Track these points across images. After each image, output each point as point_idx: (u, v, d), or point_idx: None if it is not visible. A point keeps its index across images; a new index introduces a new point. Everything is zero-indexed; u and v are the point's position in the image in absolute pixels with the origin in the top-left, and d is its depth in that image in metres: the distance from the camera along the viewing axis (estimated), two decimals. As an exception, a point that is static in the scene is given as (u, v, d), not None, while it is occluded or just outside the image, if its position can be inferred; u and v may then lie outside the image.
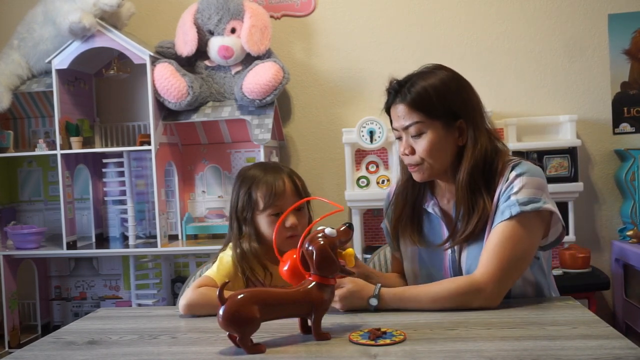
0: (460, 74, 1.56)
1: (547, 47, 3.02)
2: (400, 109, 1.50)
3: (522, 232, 1.42)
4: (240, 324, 1.17)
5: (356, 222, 2.93)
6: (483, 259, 1.43)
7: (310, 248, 1.23)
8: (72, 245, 2.90)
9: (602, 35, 3.00)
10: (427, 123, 1.48)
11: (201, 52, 2.91)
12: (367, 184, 2.96)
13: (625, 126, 3.01)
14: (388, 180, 2.96)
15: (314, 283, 1.23)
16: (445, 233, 1.56)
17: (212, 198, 3.15)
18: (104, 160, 3.09)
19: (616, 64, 3.00)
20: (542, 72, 3.04)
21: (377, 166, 2.99)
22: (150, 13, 3.20)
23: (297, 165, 3.19)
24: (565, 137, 2.90)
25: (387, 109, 1.57)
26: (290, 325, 1.30)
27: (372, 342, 1.18)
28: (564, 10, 3.01)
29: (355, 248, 2.93)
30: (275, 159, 3.00)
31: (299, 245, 1.26)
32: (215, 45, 2.85)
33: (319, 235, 1.24)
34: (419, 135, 1.49)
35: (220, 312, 1.17)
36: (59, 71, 2.85)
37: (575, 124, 2.89)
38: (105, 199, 3.16)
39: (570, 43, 3.01)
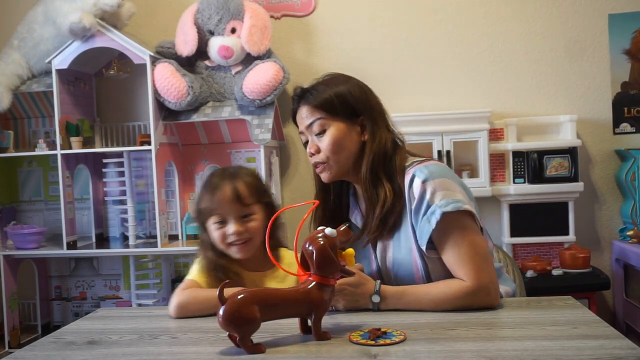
0: (359, 80, 1.65)
1: (547, 47, 3.02)
2: (304, 111, 1.58)
3: (458, 229, 1.44)
4: (240, 324, 1.17)
5: (356, 222, 2.92)
6: (459, 273, 1.44)
7: (310, 248, 1.23)
8: (72, 245, 2.90)
9: (602, 35, 3.00)
10: (329, 120, 1.55)
11: (201, 52, 2.91)
12: (367, 184, 2.95)
13: (625, 126, 3.01)
14: (388, 180, 2.95)
15: (314, 283, 1.23)
16: (366, 237, 1.58)
17: (212, 198, 3.14)
18: (104, 160, 3.09)
19: (616, 64, 3.00)
20: (542, 72, 3.04)
21: (377, 166, 2.98)
22: (150, 13, 3.20)
23: (297, 165, 3.19)
24: (566, 137, 2.90)
25: (294, 117, 1.64)
26: (291, 325, 1.30)
27: (372, 342, 1.18)
28: (564, 10, 3.01)
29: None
30: (275, 159, 3.00)
31: (294, 246, 1.27)
32: (215, 45, 2.85)
33: (319, 235, 1.24)
34: (322, 132, 1.55)
35: (220, 312, 1.17)
36: (59, 71, 2.85)
37: (576, 124, 2.89)
38: (106, 199, 3.16)
39: (570, 43, 3.01)
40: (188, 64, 2.95)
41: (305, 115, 1.57)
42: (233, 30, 2.85)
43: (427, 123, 2.86)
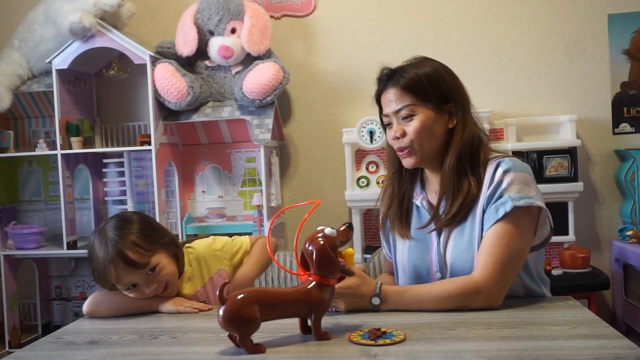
0: (447, 66, 1.59)
1: (547, 47, 3.03)
2: (391, 93, 1.52)
3: (515, 229, 1.43)
4: (240, 324, 1.17)
5: (356, 222, 2.93)
6: (480, 260, 1.43)
7: (310, 248, 1.23)
8: (72, 245, 2.90)
9: (602, 35, 3.00)
10: (418, 105, 1.50)
11: (201, 52, 2.91)
12: (367, 184, 2.96)
13: (625, 126, 3.02)
14: (388, 180, 2.96)
15: (314, 283, 1.23)
16: (433, 225, 1.56)
17: (212, 198, 3.15)
18: (104, 160, 3.10)
19: (616, 64, 3.00)
20: (542, 72, 3.04)
21: (377, 166, 2.98)
22: (150, 13, 3.21)
23: (297, 165, 3.19)
24: (565, 137, 2.90)
25: (378, 97, 1.58)
26: (291, 325, 1.30)
27: (372, 342, 1.18)
28: (564, 10, 3.01)
29: (355, 248, 2.93)
30: (275, 159, 3.00)
31: (294, 246, 1.26)
32: (215, 45, 2.85)
33: (319, 235, 1.24)
34: (410, 117, 1.50)
35: (220, 312, 1.17)
36: (59, 71, 2.86)
37: (575, 124, 2.89)
38: (106, 199, 3.16)
39: (570, 43, 3.01)
40: (188, 64, 2.95)
41: (393, 98, 1.51)
42: (233, 31, 2.85)
43: (427, 123, 2.86)
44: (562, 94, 3.03)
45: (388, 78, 1.54)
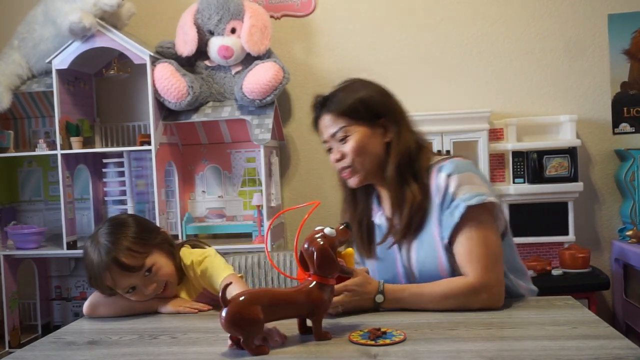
0: (377, 83, 1.64)
1: (547, 47, 3.02)
2: (326, 119, 1.57)
3: (480, 226, 1.45)
4: (243, 325, 1.16)
5: (356, 222, 2.92)
6: (467, 267, 1.44)
7: (310, 248, 1.23)
8: (72, 245, 2.90)
9: (602, 35, 3.00)
10: (351, 126, 1.54)
11: (201, 52, 2.91)
12: (367, 184, 2.96)
13: (625, 126, 3.01)
14: (388, 180, 2.96)
15: (314, 283, 1.23)
16: (392, 239, 1.59)
17: (212, 198, 3.15)
18: (104, 160, 3.10)
19: (616, 64, 3.00)
20: (542, 72, 3.04)
21: (377, 166, 2.98)
22: (150, 13, 3.20)
23: (297, 165, 3.19)
24: (565, 137, 2.90)
25: (316, 125, 1.62)
26: (291, 325, 1.30)
27: (372, 342, 1.18)
28: (564, 11, 3.01)
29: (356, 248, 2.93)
30: (275, 159, 3.00)
31: (294, 246, 1.26)
32: (215, 45, 2.85)
33: (318, 235, 1.24)
34: (345, 139, 1.54)
35: (223, 314, 1.16)
36: (59, 71, 2.85)
37: (575, 124, 2.89)
38: (106, 199, 3.16)
39: (570, 43, 3.01)
40: (188, 64, 2.95)
41: (328, 123, 1.56)
42: (233, 30, 2.85)
43: (427, 123, 2.84)
44: (562, 94, 3.03)
45: (321, 105, 1.59)
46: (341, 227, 1.27)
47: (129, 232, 1.51)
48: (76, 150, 2.89)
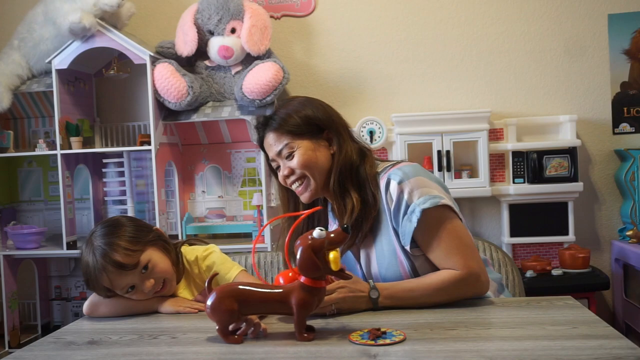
0: (316, 98, 1.67)
1: (547, 47, 3.03)
2: (270, 138, 1.59)
3: (444, 223, 1.47)
4: (219, 315, 1.25)
5: (356, 222, 2.92)
6: (447, 264, 1.46)
7: (298, 249, 1.23)
8: (72, 245, 2.90)
9: (602, 35, 3.00)
10: (295, 141, 1.56)
11: (201, 52, 2.91)
12: (367, 184, 2.95)
13: (625, 126, 3.02)
14: (388, 180, 2.95)
15: (298, 283, 1.24)
16: (351, 253, 1.60)
17: (212, 198, 3.15)
18: (104, 160, 3.10)
19: (616, 64, 3.00)
20: (542, 72, 3.04)
21: (377, 166, 2.98)
22: (150, 13, 3.21)
23: (297, 165, 3.18)
24: (565, 137, 2.90)
25: (261, 145, 1.64)
26: (291, 325, 1.31)
27: (372, 342, 1.18)
28: (564, 10, 3.01)
29: (355, 248, 2.93)
30: (275, 159, 2.99)
31: (285, 249, 1.26)
32: (215, 45, 2.85)
33: (309, 236, 1.24)
34: (291, 154, 1.56)
35: (208, 302, 1.26)
36: (59, 71, 2.85)
37: (575, 124, 2.89)
38: (106, 199, 3.16)
39: (570, 43, 3.01)
40: (188, 64, 2.95)
41: (272, 142, 1.58)
42: (233, 30, 2.85)
43: (427, 123, 2.87)
44: (562, 94, 3.03)
45: (264, 125, 1.60)
46: (336, 229, 1.25)
47: (121, 232, 1.52)
48: (76, 150, 2.89)
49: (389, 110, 3.04)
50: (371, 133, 2.89)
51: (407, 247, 1.49)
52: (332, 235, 1.23)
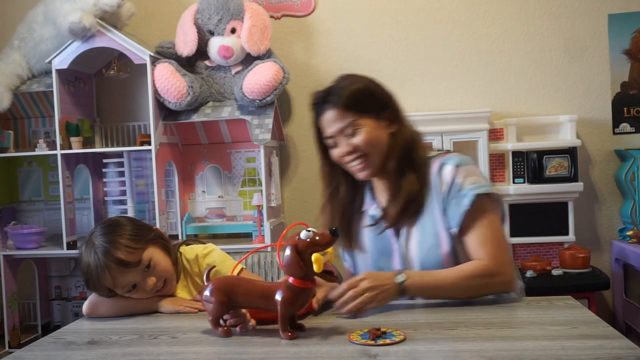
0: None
1: (547, 47, 3.02)
2: (331, 115, 1.55)
3: (487, 213, 1.50)
4: (211, 305, 1.29)
5: (356, 222, 2.92)
6: (478, 251, 1.48)
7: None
8: (72, 245, 2.90)
9: (602, 35, 3.00)
10: (359, 119, 1.54)
11: (201, 52, 2.91)
12: (367, 184, 2.96)
13: (625, 126, 3.01)
14: (388, 180, 2.96)
15: (285, 282, 1.26)
16: (390, 231, 1.60)
17: (212, 198, 3.15)
18: (104, 160, 3.10)
19: (616, 64, 3.00)
20: (542, 72, 3.04)
21: (377, 166, 2.98)
22: (150, 13, 3.21)
23: (297, 166, 3.19)
24: (565, 137, 2.90)
25: (316, 122, 1.61)
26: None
27: (372, 342, 1.18)
28: (564, 10, 3.01)
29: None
30: (275, 159, 3.00)
31: (277, 253, 1.27)
32: (215, 45, 2.85)
33: (296, 237, 1.25)
34: (354, 132, 1.54)
35: (204, 292, 1.31)
36: (59, 71, 2.86)
37: (575, 124, 2.89)
38: (106, 199, 3.16)
39: (570, 43, 3.01)
40: (188, 64, 2.95)
41: (334, 118, 1.55)
42: (233, 30, 2.85)
43: (427, 123, 2.85)
44: (562, 94, 3.03)
45: (324, 101, 1.57)
46: (324, 232, 1.25)
47: (123, 230, 1.53)
48: (76, 150, 2.89)
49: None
50: (371, 133, 2.88)
51: (456, 230, 1.51)
52: (317, 237, 1.23)
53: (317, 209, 1.70)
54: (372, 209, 1.64)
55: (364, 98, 1.55)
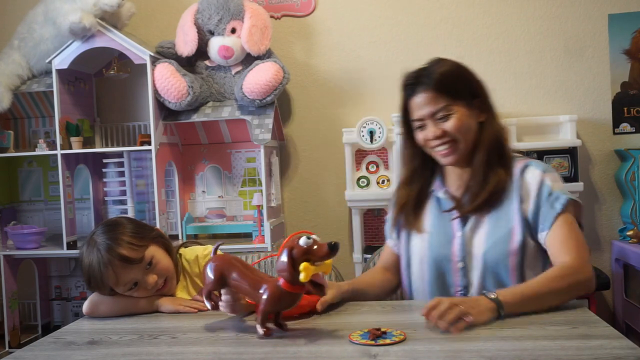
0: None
1: (547, 47, 3.02)
2: (423, 97, 1.54)
3: (574, 220, 1.51)
4: (206, 279, 1.34)
5: (356, 222, 2.93)
6: (563, 250, 1.46)
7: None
8: (72, 245, 2.90)
9: (602, 35, 3.00)
10: (452, 104, 1.53)
11: (201, 52, 2.91)
12: (367, 184, 2.96)
13: (625, 126, 3.01)
14: (388, 180, 2.96)
15: (275, 280, 1.25)
16: (455, 212, 1.59)
17: (212, 198, 3.15)
18: (104, 160, 3.10)
19: (616, 64, 3.00)
20: (542, 72, 3.04)
21: (377, 166, 2.99)
22: (150, 13, 3.21)
23: (297, 166, 3.19)
24: (566, 137, 2.90)
25: (405, 102, 1.59)
26: (290, 325, 1.31)
27: (372, 342, 1.18)
28: (564, 10, 3.01)
29: (355, 248, 2.93)
30: (275, 159, 3.00)
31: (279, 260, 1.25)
32: (215, 45, 2.85)
33: (296, 240, 1.23)
34: (446, 117, 1.53)
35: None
36: (59, 71, 2.86)
37: (575, 124, 2.89)
38: (106, 199, 3.16)
39: (570, 43, 3.01)
40: (188, 64, 2.95)
41: (426, 102, 1.53)
42: (233, 30, 2.85)
43: (427, 123, 2.86)
44: (562, 94, 3.03)
45: (416, 82, 1.55)
46: (323, 243, 1.21)
47: (124, 228, 1.54)
48: (76, 150, 2.89)
49: (389, 110, 3.03)
50: (371, 133, 2.89)
51: (547, 231, 1.49)
52: (315, 247, 1.20)
53: (317, 209, 1.71)
54: (440, 192, 1.62)
55: (458, 83, 1.54)
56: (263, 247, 2.79)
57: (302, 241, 1.21)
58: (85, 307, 1.56)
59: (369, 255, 2.41)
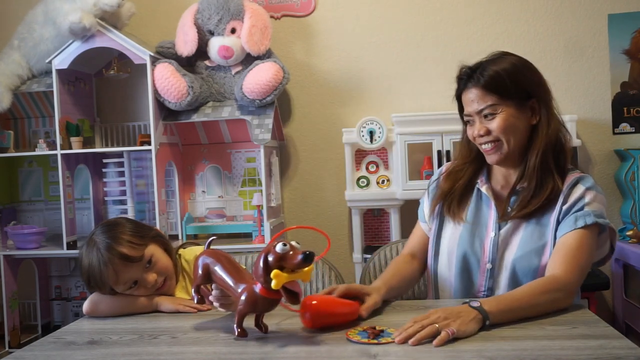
0: (526, 59, 1.59)
1: (547, 47, 3.03)
2: (472, 93, 1.52)
3: (591, 242, 1.46)
4: (196, 272, 1.36)
5: (356, 222, 2.93)
6: (562, 260, 1.42)
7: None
8: (72, 245, 2.90)
9: (602, 35, 3.00)
10: (500, 104, 1.50)
11: (201, 52, 2.91)
12: (367, 184, 2.96)
13: (625, 126, 3.02)
14: (388, 180, 2.96)
15: (253, 285, 1.23)
16: (494, 215, 1.57)
17: (212, 198, 3.15)
18: (104, 160, 3.10)
19: (616, 64, 3.00)
20: (542, 72, 3.01)
21: (377, 166, 2.99)
22: (150, 13, 3.21)
23: (297, 166, 3.19)
24: (565, 137, 2.90)
25: (459, 95, 1.59)
26: (290, 325, 1.31)
27: (375, 341, 1.18)
28: (564, 11, 3.01)
29: (355, 248, 2.93)
30: (275, 159, 3.00)
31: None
32: (215, 45, 2.85)
33: (273, 246, 1.19)
34: (492, 116, 1.51)
35: None
36: (59, 71, 2.85)
37: (575, 124, 2.89)
38: (106, 199, 3.16)
39: (570, 43, 3.01)
40: (188, 64, 2.95)
41: (474, 97, 1.51)
42: (233, 31, 2.85)
43: (426, 123, 2.86)
44: (562, 94, 3.03)
45: (468, 77, 1.54)
46: (299, 253, 1.16)
47: (124, 228, 1.56)
48: (76, 150, 2.89)
49: (389, 110, 3.04)
50: (371, 133, 2.89)
51: (560, 238, 1.46)
52: (290, 252, 1.16)
53: (317, 209, 1.70)
54: (484, 187, 1.60)
55: (509, 82, 1.49)
56: (263, 247, 2.79)
57: (278, 247, 1.17)
58: (85, 306, 1.56)
59: (368, 255, 2.41)
